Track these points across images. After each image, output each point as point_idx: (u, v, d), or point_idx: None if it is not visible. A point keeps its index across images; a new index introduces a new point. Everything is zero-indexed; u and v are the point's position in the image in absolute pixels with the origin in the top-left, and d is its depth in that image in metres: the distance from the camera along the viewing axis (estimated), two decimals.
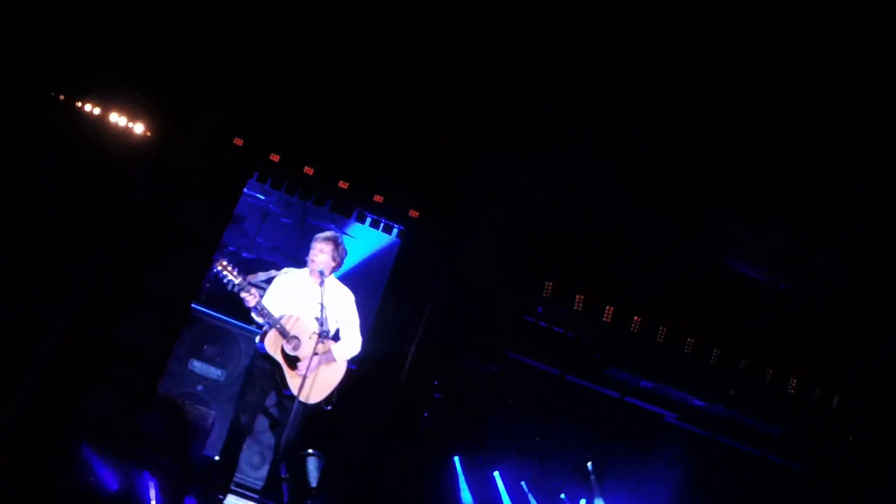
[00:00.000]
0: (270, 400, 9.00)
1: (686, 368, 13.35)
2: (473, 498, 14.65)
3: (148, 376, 10.29)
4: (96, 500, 8.34)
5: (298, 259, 10.25)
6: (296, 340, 8.73)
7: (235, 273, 8.63)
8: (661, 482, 14.96)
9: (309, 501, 9.55)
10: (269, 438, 9.32)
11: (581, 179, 11.02)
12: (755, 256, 11.66)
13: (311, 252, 9.03)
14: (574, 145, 10.70)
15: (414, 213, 11.11)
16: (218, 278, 8.74)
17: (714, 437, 14.87)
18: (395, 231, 11.38)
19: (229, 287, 8.65)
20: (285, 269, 9.32)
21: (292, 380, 8.65)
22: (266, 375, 8.85)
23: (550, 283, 11.96)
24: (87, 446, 8.96)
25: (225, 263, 8.63)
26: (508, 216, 11.38)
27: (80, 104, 10.06)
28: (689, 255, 11.83)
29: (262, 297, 8.81)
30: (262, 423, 9.26)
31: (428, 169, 11.00)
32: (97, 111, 10.10)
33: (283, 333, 8.70)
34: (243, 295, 8.60)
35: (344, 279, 9.40)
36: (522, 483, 15.30)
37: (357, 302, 9.35)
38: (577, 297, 12.14)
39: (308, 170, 10.66)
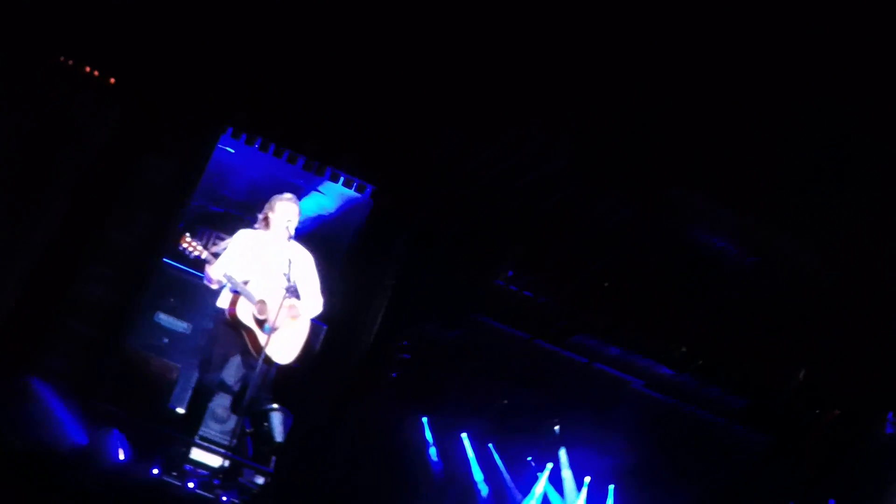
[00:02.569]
0: (236, 361, 8.97)
1: (653, 336, 13.40)
2: (440, 459, 14.71)
3: (111, 331, 10.21)
4: (64, 454, 8.26)
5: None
6: (262, 304, 8.70)
7: (200, 247, 8.59)
8: (626, 448, 15.04)
9: (274, 456, 9.53)
10: (234, 393, 9.26)
11: (544, 153, 10.97)
12: (722, 231, 11.66)
13: (285, 213, 8.99)
14: (537, 120, 10.65)
15: (384, 175, 11.07)
16: (184, 254, 8.69)
17: (680, 406, 14.94)
18: (367, 191, 11.30)
19: (193, 259, 8.65)
20: (241, 231, 9.25)
21: (263, 342, 8.60)
22: (231, 339, 8.82)
23: (521, 248, 11.96)
24: (53, 401, 8.88)
25: (189, 240, 8.61)
26: (475, 185, 11.34)
27: (45, 52, 9.91)
28: (654, 227, 11.83)
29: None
30: (227, 380, 9.21)
31: (399, 133, 10.93)
32: (63, 59, 9.94)
33: (250, 299, 8.66)
34: (208, 268, 8.59)
35: (304, 239, 9.38)
36: (490, 445, 15.38)
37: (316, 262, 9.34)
38: (548, 262, 12.14)
39: (282, 127, 10.58)
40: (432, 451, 14.61)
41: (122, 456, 8.16)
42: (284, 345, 8.83)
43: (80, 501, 7.28)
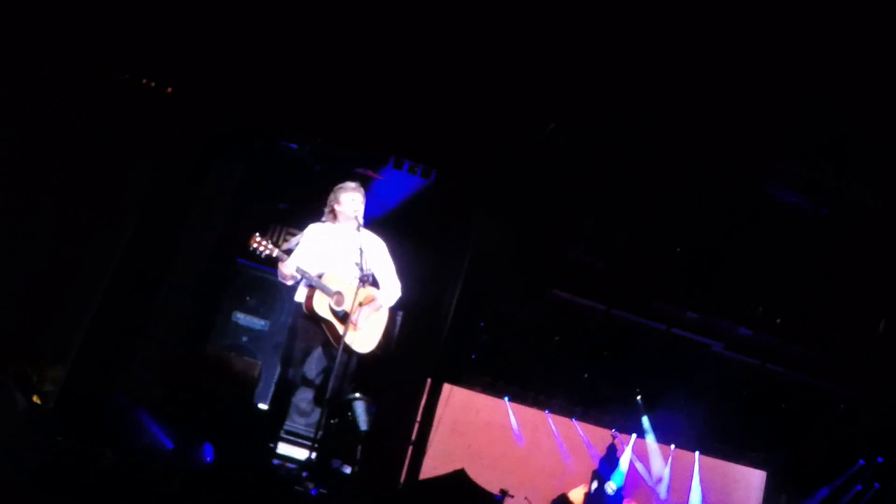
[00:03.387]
0: (316, 354, 9.00)
1: (730, 298, 13.30)
2: (524, 438, 14.72)
3: (192, 336, 10.33)
4: (153, 461, 8.33)
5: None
6: (338, 295, 8.70)
7: (271, 245, 8.57)
8: (711, 412, 14.97)
9: (360, 445, 9.57)
10: (316, 386, 9.32)
11: (609, 120, 10.89)
12: (791, 185, 11.52)
13: (351, 203, 8.96)
14: (600, 88, 10.56)
15: (449, 158, 11.04)
16: (255, 254, 8.67)
17: (761, 365, 14.83)
18: (433, 175, 11.28)
19: (265, 258, 8.65)
20: (310, 226, 9.24)
21: (343, 333, 8.61)
22: (310, 333, 8.82)
23: (591, 220, 11.88)
24: (138, 408, 8.96)
25: (259, 239, 8.56)
26: (540, 160, 11.27)
27: (101, 68, 10.00)
28: (726, 187, 11.70)
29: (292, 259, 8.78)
30: (308, 373, 9.27)
31: (460, 115, 10.89)
32: (120, 74, 10.03)
33: (326, 291, 8.67)
34: (281, 266, 8.58)
35: (375, 226, 9.37)
36: (573, 420, 15.37)
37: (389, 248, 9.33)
38: (619, 232, 12.06)
39: (342, 120, 10.59)
40: (515, 427, 14.64)
41: (209, 458, 8.22)
42: (364, 334, 8.83)
43: None
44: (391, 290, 9.14)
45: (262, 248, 8.53)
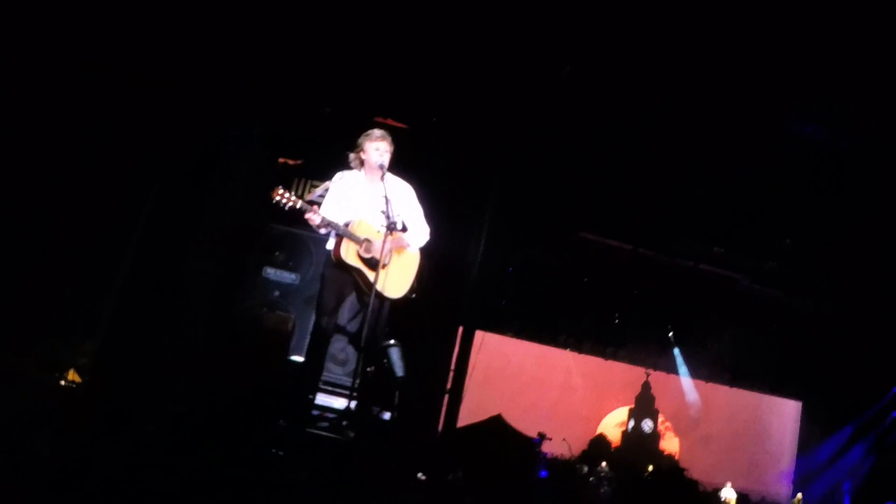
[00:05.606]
0: (348, 302, 9.06)
1: (756, 231, 13.30)
2: (558, 381, 14.79)
3: (222, 297, 10.40)
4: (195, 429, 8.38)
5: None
6: (367, 242, 8.73)
7: (293, 197, 8.58)
8: (742, 346, 15.02)
9: (397, 391, 9.63)
10: (351, 334, 9.39)
11: (627, 62, 10.87)
12: (811, 117, 11.49)
13: (376, 152, 8.96)
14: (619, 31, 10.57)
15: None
16: (280, 206, 8.67)
17: (788, 298, 14.86)
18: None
19: (289, 210, 8.65)
20: (337, 174, 9.25)
21: (375, 280, 8.66)
22: (342, 281, 8.85)
23: (615, 156, 11.89)
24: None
25: (281, 192, 8.55)
26: (559, 104, 11.28)
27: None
28: (748, 122, 11.69)
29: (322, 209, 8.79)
30: (342, 321, 9.32)
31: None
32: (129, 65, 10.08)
33: (354, 239, 8.69)
34: (307, 216, 8.59)
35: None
36: (606, 360, 15.44)
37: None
38: (644, 168, 12.07)
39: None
40: (548, 371, 14.70)
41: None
42: (395, 280, 8.86)
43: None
44: (420, 233, 9.17)
45: (284, 201, 8.53)
